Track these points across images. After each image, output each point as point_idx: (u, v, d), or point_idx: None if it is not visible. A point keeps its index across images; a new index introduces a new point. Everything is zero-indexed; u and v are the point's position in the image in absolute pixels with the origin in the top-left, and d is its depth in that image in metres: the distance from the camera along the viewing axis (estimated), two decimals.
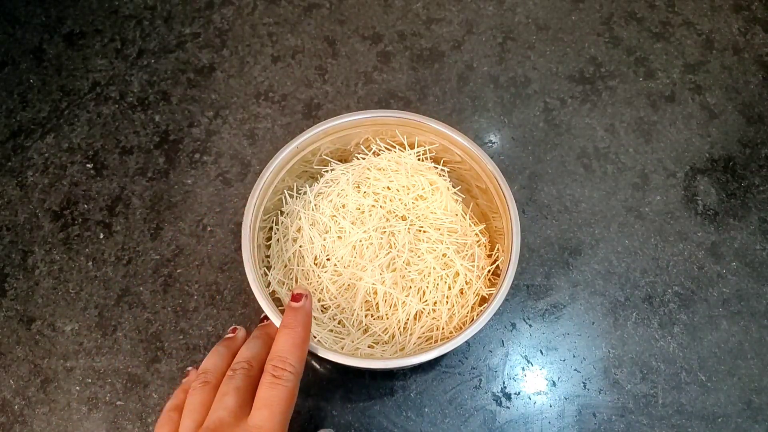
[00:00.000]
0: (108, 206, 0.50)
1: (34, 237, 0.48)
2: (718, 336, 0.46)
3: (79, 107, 0.54)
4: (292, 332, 0.30)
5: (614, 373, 0.44)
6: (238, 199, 0.50)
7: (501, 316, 0.46)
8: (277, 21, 0.60)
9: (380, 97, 0.55)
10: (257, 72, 0.57)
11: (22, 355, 0.44)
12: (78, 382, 0.43)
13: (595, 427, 0.43)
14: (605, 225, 0.50)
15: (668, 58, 0.59)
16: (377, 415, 0.42)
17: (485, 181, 0.41)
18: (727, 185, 0.52)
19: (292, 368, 0.28)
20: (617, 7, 0.62)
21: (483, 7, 0.61)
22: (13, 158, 0.52)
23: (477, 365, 0.44)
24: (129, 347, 0.44)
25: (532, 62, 0.58)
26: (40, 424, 0.42)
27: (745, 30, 0.61)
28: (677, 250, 0.49)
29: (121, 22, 0.59)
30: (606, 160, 0.53)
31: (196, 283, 0.46)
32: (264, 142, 0.53)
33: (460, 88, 0.56)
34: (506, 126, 0.55)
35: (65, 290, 0.46)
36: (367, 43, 0.59)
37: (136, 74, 0.56)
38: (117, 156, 0.52)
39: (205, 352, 0.44)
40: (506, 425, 0.42)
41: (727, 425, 0.43)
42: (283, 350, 0.29)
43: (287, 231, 0.42)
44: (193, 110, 0.54)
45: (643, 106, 0.56)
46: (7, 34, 0.58)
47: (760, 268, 0.49)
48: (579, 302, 0.47)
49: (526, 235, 0.49)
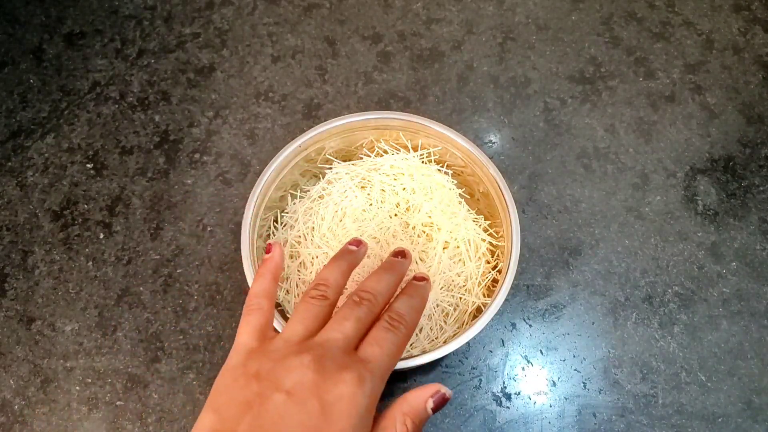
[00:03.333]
0: (108, 206, 0.50)
1: (34, 237, 0.48)
2: (718, 336, 0.46)
3: (79, 107, 0.54)
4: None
5: (614, 373, 0.44)
6: (238, 199, 0.50)
7: (501, 316, 0.46)
8: (277, 21, 0.60)
9: (380, 97, 0.55)
10: (257, 72, 0.57)
11: (22, 355, 0.44)
12: (78, 382, 0.43)
13: (595, 427, 0.43)
14: (605, 225, 0.50)
15: (668, 58, 0.59)
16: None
17: (486, 185, 0.41)
18: (727, 185, 0.52)
19: (407, 324, 0.28)
20: (617, 7, 0.62)
21: (483, 7, 0.61)
22: (13, 158, 0.52)
23: (477, 365, 0.44)
24: (129, 347, 0.44)
25: (532, 62, 0.58)
26: (40, 424, 0.42)
27: (745, 30, 0.61)
28: (677, 250, 0.49)
29: (121, 22, 0.59)
30: (606, 160, 0.53)
31: (196, 283, 0.46)
32: (264, 142, 0.53)
33: (460, 88, 0.56)
34: (506, 126, 0.55)
35: (65, 290, 0.46)
36: (367, 43, 0.59)
37: (136, 74, 0.56)
38: (117, 156, 0.52)
39: (205, 352, 0.44)
40: (506, 425, 0.42)
41: (727, 425, 0.43)
42: (401, 307, 0.29)
43: (286, 238, 0.42)
44: (193, 110, 0.54)
45: (643, 106, 0.56)
46: (7, 34, 0.58)
47: (760, 268, 0.49)
48: (579, 302, 0.47)
49: (526, 235, 0.49)
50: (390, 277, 0.31)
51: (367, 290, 0.29)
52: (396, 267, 0.32)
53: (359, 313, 0.28)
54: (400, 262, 0.33)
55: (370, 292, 0.29)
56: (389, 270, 0.32)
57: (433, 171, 0.44)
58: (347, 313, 0.28)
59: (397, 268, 0.32)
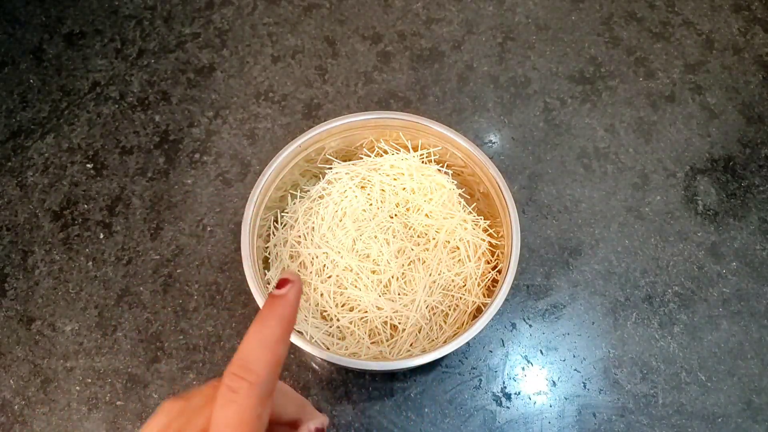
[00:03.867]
0: (108, 206, 0.50)
1: (34, 237, 0.48)
2: (718, 336, 0.46)
3: (79, 107, 0.54)
4: (262, 329, 0.21)
5: (614, 373, 0.44)
6: (238, 199, 0.50)
7: (501, 316, 0.46)
8: (277, 21, 0.60)
9: (380, 97, 0.55)
10: (257, 72, 0.57)
11: (22, 355, 0.44)
12: (78, 382, 0.43)
13: (595, 427, 0.43)
14: (605, 225, 0.50)
15: (668, 58, 0.59)
16: (377, 415, 0.42)
17: (486, 185, 0.41)
18: (727, 185, 0.52)
19: (255, 377, 0.20)
20: (617, 7, 0.62)
21: (483, 7, 0.61)
22: (13, 158, 0.52)
23: (477, 365, 0.44)
24: (129, 347, 0.44)
25: (532, 62, 0.58)
26: (40, 424, 0.42)
27: (745, 30, 0.61)
28: (677, 250, 0.49)
29: (121, 22, 0.59)
30: (606, 160, 0.53)
31: (196, 283, 0.46)
32: (264, 142, 0.53)
33: (460, 88, 0.56)
34: (506, 126, 0.55)
35: (65, 290, 0.46)
36: (367, 43, 0.59)
37: (136, 74, 0.56)
38: (117, 156, 0.52)
39: (205, 352, 0.44)
40: (506, 425, 0.42)
41: (727, 425, 0.43)
42: (246, 352, 0.21)
43: (286, 238, 0.42)
44: (193, 110, 0.54)
45: (643, 106, 0.56)
46: (7, 34, 0.58)
47: (760, 268, 0.49)
48: (579, 302, 0.47)
49: (526, 235, 0.49)
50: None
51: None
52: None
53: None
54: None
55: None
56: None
57: (433, 171, 0.44)
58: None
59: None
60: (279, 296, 0.22)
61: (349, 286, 0.39)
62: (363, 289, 0.39)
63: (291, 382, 0.43)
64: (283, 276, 0.23)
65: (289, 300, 0.22)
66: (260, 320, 0.21)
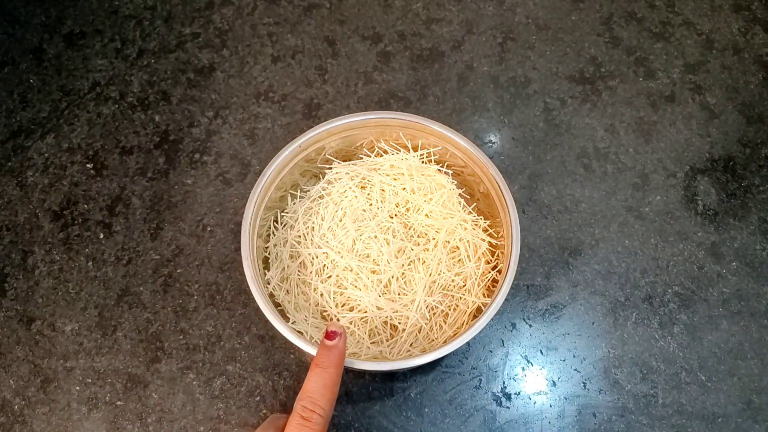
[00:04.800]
0: (108, 206, 0.50)
1: (34, 237, 0.48)
2: (718, 336, 0.46)
3: (79, 107, 0.54)
4: (324, 372, 0.29)
5: (614, 373, 0.44)
6: (238, 199, 0.50)
7: (501, 316, 0.46)
8: (277, 21, 0.60)
9: (380, 97, 0.55)
10: (257, 72, 0.57)
11: (22, 355, 0.44)
12: (78, 382, 0.43)
13: (595, 427, 0.43)
14: (605, 225, 0.50)
15: (668, 58, 0.59)
16: (377, 415, 0.42)
17: (486, 185, 0.41)
18: (727, 185, 0.52)
19: (321, 411, 0.27)
20: (617, 7, 0.62)
21: (483, 7, 0.61)
22: (13, 158, 0.52)
23: (477, 365, 0.44)
24: (129, 347, 0.44)
25: (532, 62, 0.58)
26: (40, 424, 0.42)
27: (745, 30, 0.61)
28: (677, 250, 0.49)
29: (121, 22, 0.59)
30: (606, 160, 0.53)
31: (196, 283, 0.46)
32: (264, 142, 0.53)
33: (460, 88, 0.56)
34: (506, 126, 0.55)
35: (65, 290, 0.46)
36: (367, 43, 0.59)
37: (136, 74, 0.56)
38: (117, 156, 0.52)
39: (205, 352, 0.44)
40: (506, 425, 0.42)
41: (727, 425, 0.43)
42: (314, 391, 0.28)
43: (286, 238, 0.42)
44: (193, 110, 0.54)
45: (643, 106, 0.56)
46: (7, 34, 0.58)
47: (760, 268, 0.49)
48: (579, 302, 0.47)
49: (526, 235, 0.49)
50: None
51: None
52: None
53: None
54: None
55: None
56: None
57: (433, 171, 0.44)
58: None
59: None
60: (333, 347, 0.29)
61: (349, 286, 0.39)
62: (363, 289, 0.39)
63: (291, 382, 0.43)
64: (331, 329, 0.30)
65: (340, 350, 0.29)
66: (320, 365, 0.29)
